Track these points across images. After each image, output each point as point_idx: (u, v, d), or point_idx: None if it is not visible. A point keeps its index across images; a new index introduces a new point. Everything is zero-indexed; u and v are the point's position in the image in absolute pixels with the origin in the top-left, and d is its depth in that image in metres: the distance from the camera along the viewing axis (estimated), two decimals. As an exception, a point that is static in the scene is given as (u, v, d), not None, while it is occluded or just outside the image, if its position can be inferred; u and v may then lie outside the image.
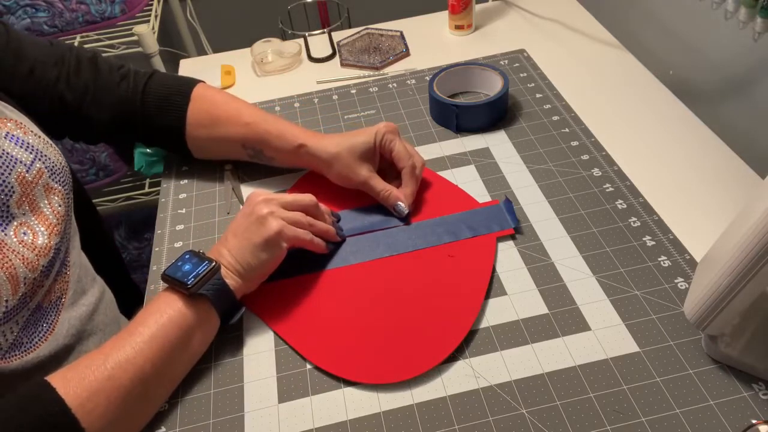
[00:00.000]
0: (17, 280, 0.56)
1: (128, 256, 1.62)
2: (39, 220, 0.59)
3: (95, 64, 0.74)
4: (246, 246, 0.60)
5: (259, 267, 0.60)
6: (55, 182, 0.62)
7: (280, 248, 0.61)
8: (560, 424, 0.51)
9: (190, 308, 0.56)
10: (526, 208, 0.71)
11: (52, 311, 0.61)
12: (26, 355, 0.58)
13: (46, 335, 0.60)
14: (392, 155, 0.70)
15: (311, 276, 0.66)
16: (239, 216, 0.62)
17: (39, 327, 0.60)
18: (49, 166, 0.61)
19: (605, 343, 0.57)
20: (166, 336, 0.54)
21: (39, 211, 0.60)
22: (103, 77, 0.73)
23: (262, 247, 0.60)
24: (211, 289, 0.57)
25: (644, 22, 0.99)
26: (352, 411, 0.54)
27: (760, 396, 0.51)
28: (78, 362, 0.51)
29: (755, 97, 0.77)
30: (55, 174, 0.62)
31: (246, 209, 0.62)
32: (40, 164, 0.60)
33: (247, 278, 0.60)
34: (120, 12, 1.30)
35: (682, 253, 0.63)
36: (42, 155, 0.61)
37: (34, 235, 0.58)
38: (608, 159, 0.76)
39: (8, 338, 0.56)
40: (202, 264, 0.57)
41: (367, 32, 1.07)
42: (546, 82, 0.90)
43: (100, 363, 0.51)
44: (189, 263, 0.57)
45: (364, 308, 0.62)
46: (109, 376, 0.50)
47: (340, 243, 0.68)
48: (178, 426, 0.55)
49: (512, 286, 0.63)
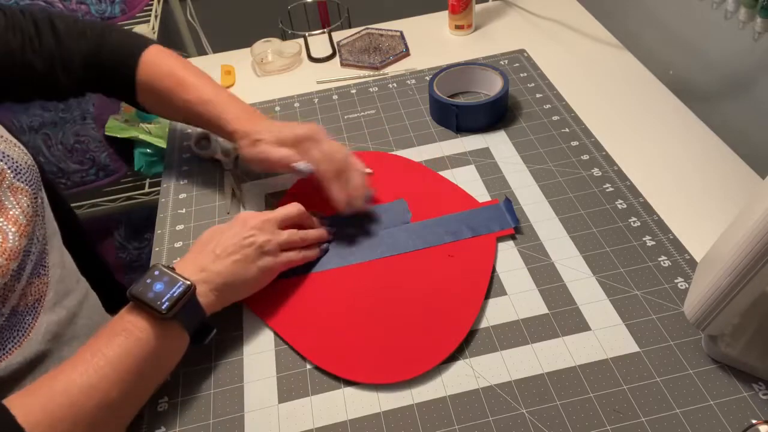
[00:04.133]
0: None
1: (128, 256, 1.62)
2: (7, 220, 0.57)
3: (53, 25, 0.74)
4: (232, 272, 0.58)
5: (242, 293, 0.61)
6: (21, 182, 0.59)
7: (269, 279, 0.62)
8: (560, 424, 0.51)
9: (160, 330, 0.53)
10: (526, 208, 0.71)
11: (30, 314, 0.59)
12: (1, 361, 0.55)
13: (20, 341, 0.58)
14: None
15: (311, 276, 0.66)
16: (226, 236, 0.60)
17: (14, 332, 0.57)
18: (12, 167, 0.59)
19: (605, 343, 0.57)
20: (133, 360, 0.51)
21: (6, 211, 0.57)
22: (64, 40, 0.73)
23: (252, 279, 0.60)
24: (184, 312, 0.53)
25: (644, 22, 0.99)
26: (352, 411, 0.54)
27: (760, 396, 0.51)
28: (39, 385, 0.49)
29: (755, 97, 0.77)
30: (20, 173, 0.59)
31: (237, 230, 0.61)
32: (2, 165, 0.58)
33: (223, 300, 0.59)
34: (120, 12, 1.30)
35: (682, 253, 0.63)
36: (4, 155, 0.59)
37: (4, 237, 0.55)
38: (608, 159, 0.76)
39: None
40: (176, 285, 0.53)
41: (367, 32, 1.07)
42: (546, 82, 0.90)
43: (61, 389, 0.48)
44: (160, 282, 0.53)
45: (364, 308, 0.62)
46: (72, 403, 0.48)
47: (341, 243, 0.68)
48: (178, 426, 0.55)
49: (512, 286, 0.63)
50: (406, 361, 0.57)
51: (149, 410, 0.56)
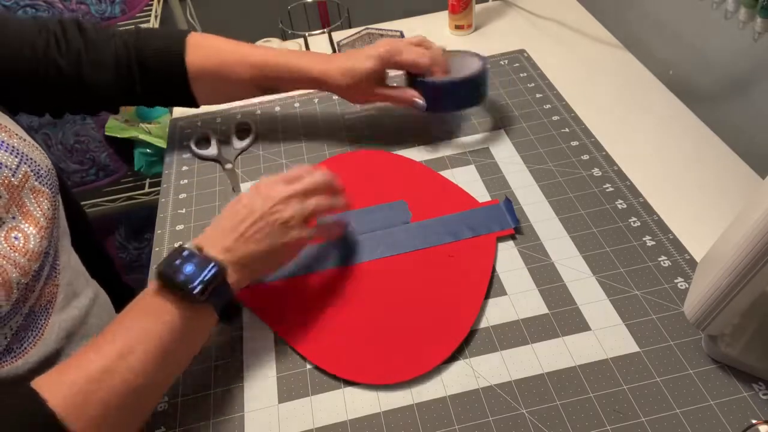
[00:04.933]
0: (10, 285, 0.54)
1: (128, 256, 1.62)
2: (29, 222, 0.58)
3: (79, 26, 0.73)
4: (258, 250, 0.56)
5: (270, 269, 0.60)
6: (42, 185, 0.61)
7: (297, 253, 0.60)
8: (560, 424, 0.51)
9: (189, 313, 0.52)
10: (526, 208, 0.71)
11: (42, 315, 0.60)
12: (16, 360, 0.56)
13: (35, 340, 0.59)
14: (406, 65, 0.75)
15: (311, 276, 0.66)
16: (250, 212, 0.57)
17: (29, 332, 0.58)
18: (35, 169, 0.60)
19: (605, 343, 0.57)
20: (162, 343, 0.50)
21: (29, 214, 0.58)
22: (92, 38, 0.72)
23: (279, 255, 0.58)
24: (215, 294, 0.52)
25: (644, 22, 0.99)
26: (352, 411, 0.54)
27: (760, 396, 0.51)
28: (66, 368, 0.48)
29: (755, 97, 0.77)
30: (41, 177, 0.61)
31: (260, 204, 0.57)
32: (26, 167, 0.59)
33: (250, 277, 0.57)
34: (120, 12, 1.30)
35: (682, 253, 0.63)
36: (27, 158, 0.60)
37: (26, 239, 0.57)
38: (608, 159, 0.76)
39: (1, 344, 0.55)
40: (207, 267, 0.51)
41: (367, 32, 1.07)
42: (546, 82, 0.90)
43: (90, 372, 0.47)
44: (190, 264, 0.51)
45: (365, 308, 0.62)
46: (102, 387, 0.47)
47: (341, 243, 0.68)
48: (178, 426, 0.55)
49: (512, 286, 0.63)
50: (406, 362, 0.57)
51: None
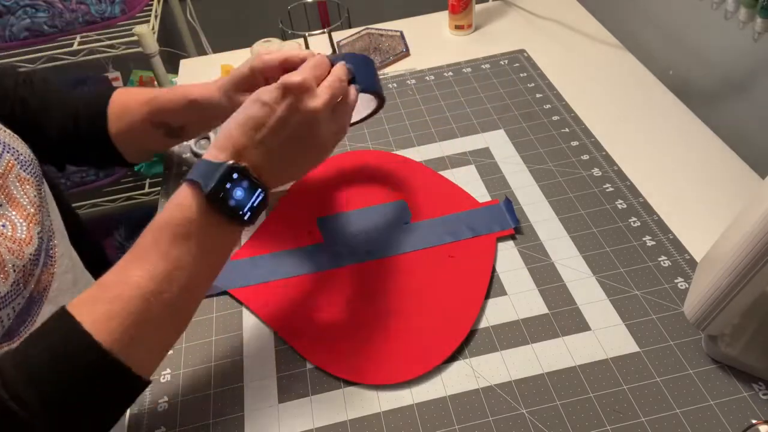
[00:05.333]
0: (4, 266, 0.54)
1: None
2: (17, 210, 0.58)
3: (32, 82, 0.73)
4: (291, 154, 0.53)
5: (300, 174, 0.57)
6: (26, 173, 0.61)
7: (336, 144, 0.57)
8: (560, 424, 0.51)
9: (229, 235, 0.51)
10: (526, 208, 0.71)
11: (37, 302, 0.60)
12: (12, 344, 0.57)
13: (28, 325, 0.59)
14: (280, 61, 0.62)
15: (311, 276, 0.66)
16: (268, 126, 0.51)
17: (25, 317, 0.59)
18: (18, 158, 0.60)
19: (605, 343, 0.57)
20: (200, 267, 0.49)
21: (16, 201, 0.59)
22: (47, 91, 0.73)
23: (313, 155, 0.55)
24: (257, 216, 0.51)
25: (644, 22, 0.99)
26: (352, 411, 0.54)
27: (760, 396, 0.51)
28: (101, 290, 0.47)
29: (755, 97, 0.77)
30: (24, 165, 0.61)
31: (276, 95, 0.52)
32: (9, 156, 0.59)
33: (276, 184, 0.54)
34: (120, 12, 1.30)
35: (682, 253, 0.63)
36: (9, 147, 0.60)
37: (13, 227, 0.57)
38: (608, 159, 0.76)
39: (5, 324, 0.55)
40: (255, 192, 0.50)
41: (367, 32, 1.07)
42: (546, 82, 0.90)
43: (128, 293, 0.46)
44: (240, 188, 0.49)
45: (364, 308, 0.62)
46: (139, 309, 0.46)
47: (341, 243, 0.68)
48: (178, 426, 0.55)
49: (512, 286, 0.63)
50: (406, 362, 0.57)
51: (149, 410, 0.56)
